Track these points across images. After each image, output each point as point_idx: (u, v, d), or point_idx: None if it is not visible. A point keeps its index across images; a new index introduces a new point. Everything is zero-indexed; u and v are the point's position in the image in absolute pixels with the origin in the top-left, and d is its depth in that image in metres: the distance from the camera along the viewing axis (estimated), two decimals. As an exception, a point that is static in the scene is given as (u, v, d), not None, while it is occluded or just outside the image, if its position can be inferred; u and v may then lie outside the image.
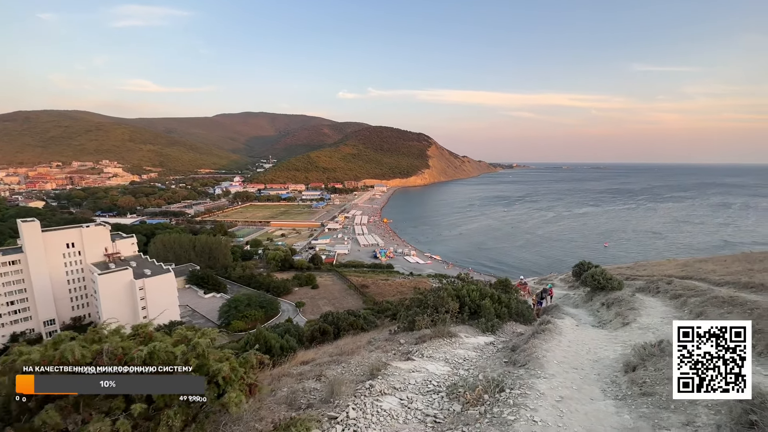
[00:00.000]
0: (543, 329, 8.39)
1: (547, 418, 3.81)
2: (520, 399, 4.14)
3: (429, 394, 4.75)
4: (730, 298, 10.73)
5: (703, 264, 24.36)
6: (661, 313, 12.16)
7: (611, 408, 4.36)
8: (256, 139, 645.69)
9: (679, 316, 11.52)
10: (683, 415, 3.81)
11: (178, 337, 3.52)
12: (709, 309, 10.52)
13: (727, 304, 10.25)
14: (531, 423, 3.69)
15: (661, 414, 3.97)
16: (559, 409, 4.08)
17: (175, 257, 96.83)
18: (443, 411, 4.22)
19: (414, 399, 4.48)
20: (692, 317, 10.83)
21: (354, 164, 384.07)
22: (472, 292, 11.20)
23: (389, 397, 4.43)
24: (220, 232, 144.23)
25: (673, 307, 12.77)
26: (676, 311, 12.23)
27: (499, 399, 4.17)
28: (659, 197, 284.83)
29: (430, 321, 8.94)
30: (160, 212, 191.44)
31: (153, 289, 59.51)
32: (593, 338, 9.14)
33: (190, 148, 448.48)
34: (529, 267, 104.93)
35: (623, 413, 4.17)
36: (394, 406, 4.23)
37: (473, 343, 8.30)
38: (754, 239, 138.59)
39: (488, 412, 3.97)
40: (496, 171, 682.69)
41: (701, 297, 12.04)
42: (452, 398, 4.42)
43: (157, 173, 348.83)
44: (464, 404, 4.19)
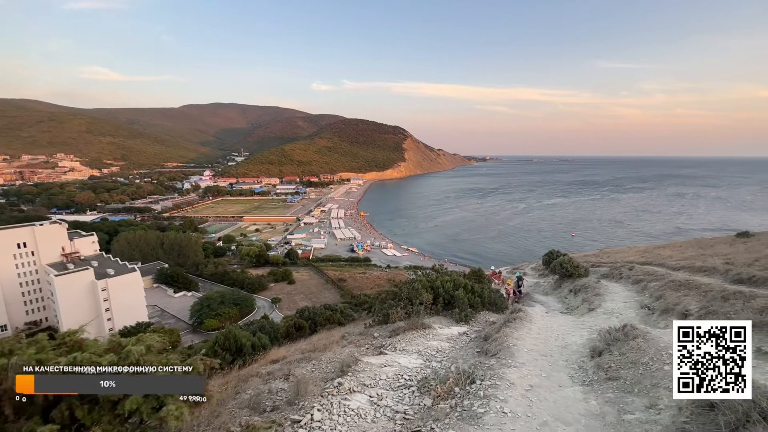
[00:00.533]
0: (514, 318, 8.49)
1: (516, 409, 3.81)
2: (490, 390, 4.13)
3: (400, 389, 4.65)
4: (686, 281, 11.22)
5: (661, 250, 25.76)
6: (623, 298, 12.59)
7: (579, 394, 4.45)
8: (227, 131, 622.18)
9: (640, 300, 11.97)
10: (646, 398, 3.93)
11: (110, 344, 3.18)
12: (668, 292, 10.93)
13: (683, 287, 10.72)
14: (501, 415, 3.67)
15: (625, 398, 4.09)
16: (528, 398, 4.11)
17: (141, 256, 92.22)
18: (414, 406, 4.13)
19: (384, 395, 4.37)
20: (652, 300, 11.28)
21: (330, 157, 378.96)
22: (445, 283, 11.21)
23: (358, 395, 4.29)
24: (190, 228, 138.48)
25: (635, 291, 13.20)
26: (638, 295, 12.66)
27: (470, 391, 4.13)
28: (621, 188, 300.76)
29: (404, 313, 8.85)
30: (123, 209, 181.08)
31: (117, 290, 56.37)
32: (561, 324, 9.36)
33: (155, 140, 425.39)
34: (502, 258, 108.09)
35: (590, 399, 4.25)
36: (362, 405, 4.09)
37: (447, 334, 8.33)
38: (703, 226, 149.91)
39: (459, 406, 3.92)
40: (470, 164, 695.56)
41: (660, 281, 12.53)
42: (423, 392, 4.35)
43: (119, 167, 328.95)
44: (435, 398, 4.12)
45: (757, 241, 22.89)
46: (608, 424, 3.71)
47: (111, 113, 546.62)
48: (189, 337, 61.05)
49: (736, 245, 21.42)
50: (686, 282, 11.12)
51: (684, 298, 9.75)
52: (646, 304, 11.22)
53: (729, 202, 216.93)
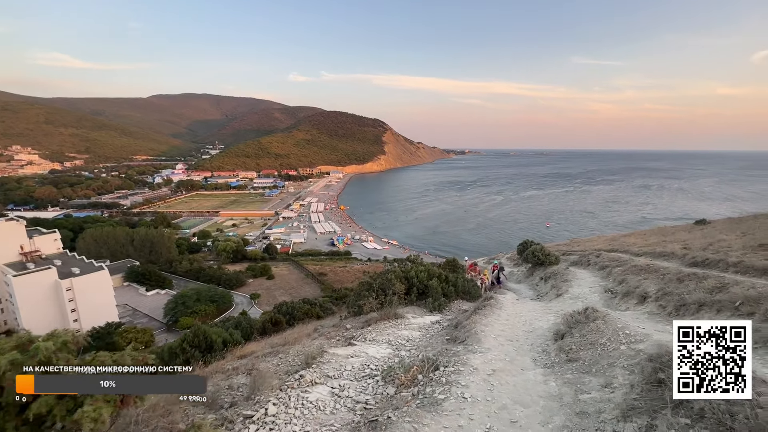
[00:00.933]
0: (484, 305, 8.57)
1: (477, 393, 3.83)
2: (453, 376, 4.13)
3: (364, 379, 4.59)
4: (646, 266, 11.70)
5: (627, 238, 27.01)
6: (589, 283, 13.10)
7: (539, 377, 4.55)
8: (200, 123, 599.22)
9: (604, 285, 12.50)
10: (602, 378, 4.05)
11: (17, 341, 2.90)
12: (629, 277, 11.41)
13: (643, 271, 11.16)
14: (460, 400, 3.66)
15: (583, 378, 4.19)
16: (489, 382, 4.14)
17: (109, 253, 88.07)
18: (376, 396, 4.08)
19: (347, 386, 4.29)
20: (615, 284, 11.79)
21: (308, 150, 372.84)
22: (420, 273, 11.20)
23: (320, 387, 4.18)
24: (162, 224, 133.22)
25: (600, 277, 13.70)
26: (602, 280, 13.21)
27: (432, 378, 4.11)
28: (593, 180, 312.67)
29: (378, 304, 8.79)
30: (89, 204, 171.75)
31: (84, 290, 53.57)
32: (530, 310, 9.56)
33: (122, 132, 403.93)
34: (479, 249, 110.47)
35: (550, 381, 4.34)
36: (323, 396, 3.98)
37: (419, 323, 8.37)
38: (666, 215, 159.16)
39: (420, 393, 3.89)
40: (449, 157, 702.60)
41: (623, 266, 13.02)
42: (387, 381, 4.30)
43: (83, 160, 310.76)
44: (399, 387, 4.08)
45: (713, 227, 24.40)
46: (565, 405, 3.79)
47: (73, 103, 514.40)
48: (164, 336, 59.11)
49: (694, 232, 22.73)
50: (647, 266, 11.58)
51: (644, 282, 10.11)
52: (609, 288, 11.61)
53: (690, 193, 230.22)
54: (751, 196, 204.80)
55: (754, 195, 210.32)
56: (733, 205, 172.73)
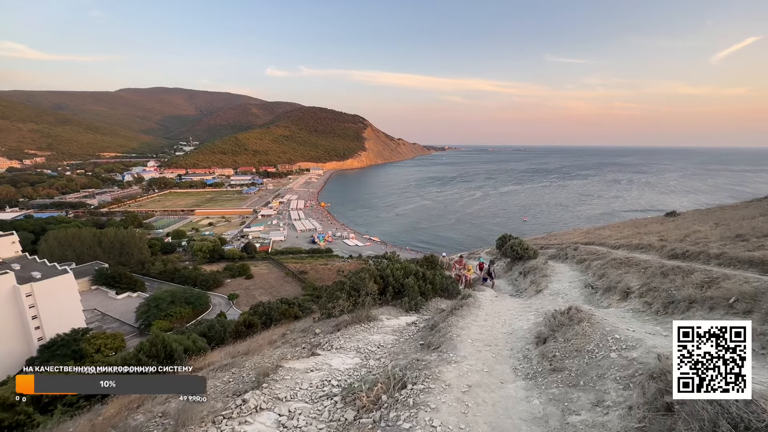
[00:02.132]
0: (462, 304, 8.15)
1: (448, 419, 3.26)
2: (422, 396, 3.55)
3: (321, 400, 3.96)
4: (626, 259, 11.45)
5: (602, 231, 27.35)
6: (569, 278, 12.77)
7: (521, 392, 4.08)
8: (173, 119, 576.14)
9: (584, 279, 12.11)
10: (593, 393, 3.62)
11: None
12: (609, 270, 11.10)
13: (624, 265, 10.93)
14: (429, 429, 3.11)
15: (570, 394, 3.75)
16: (464, 403, 3.60)
17: (75, 256, 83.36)
18: (332, 423, 3.47)
19: (299, 412, 3.65)
20: (596, 279, 11.40)
21: (287, 146, 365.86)
22: (396, 271, 10.72)
23: (264, 415, 3.53)
24: (133, 223, 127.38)
25: (579, 271, 13.33)
26: (582, 274, 12.87)
27: (398, 399, 3.52)
28: (568, 176, 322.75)
29: (350, 305, 8.26)
30: (52, 204, 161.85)
31: (46, 295, 50.20)
32: (510, 308, 9.15)
33: (87, 127, 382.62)
34: (458, 244, 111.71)
35: (533, 398, 3.89)
36: (266, 427, 3.37)
37: (393, 326, 7.95)
38: (636, 208, 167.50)
39: (383, 419, 3.35)
40: (429, 153, 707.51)
41: (602, 260, 12.71)
42: (347, 403, 3.69)
43: (44, 158, 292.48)
44: (359, 410, 3.52)
45: (684, 219, 24.91)
46: (552, 430, 3.33)
47: (32, 96, 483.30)
48: (136, 340, 56.47)
49: (666, 224, 23.16)
50: (626, 259, 11.33)
51: (625, 276, 9.78)
52: (589, 283, 11.24)
53: (656, 187, 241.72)
54: (709, 189, 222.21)
55: (711, 188, 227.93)
56: (695, 198, 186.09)
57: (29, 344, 47.32)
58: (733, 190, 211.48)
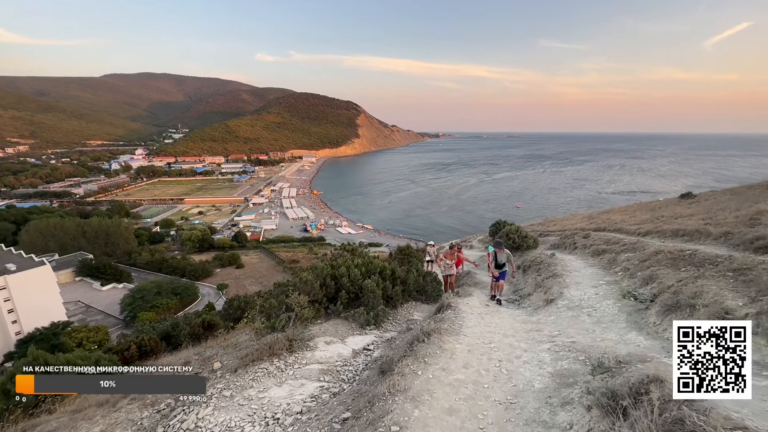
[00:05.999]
0: (430, 331, 5.49)
1: None
2: None
3: None
4: (680, 252, 7.90)
5: (609, 215, 24.07)
6: (589, 279, 9.29)
7: None
8: (161, 105, 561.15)
9: (613, 281, 8.61)
10: None
11: None
12: (660, 270, 7.48)
13: (682, 261, 7.36)
14: None
15: None
16: None
17: (58, 246, 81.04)
18: None
19: None
20: (638, 284, 7.66)
21: (279, 134, 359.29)
22: (353, 268, 8.27)
23: None
24: (119, 213, 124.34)
25: (601, 267, 10.09)
26: (607, 273, 9.41)
27: None
28: (562, 162, 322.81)
29: (266, 329, 6.32)
30: (36, 193, 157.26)
31: (22, 288, 48.39)
32: (507, 333, 6.23)
33: (72, 114, 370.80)
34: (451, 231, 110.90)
35: None
36: None
37: (329, 358, 5.74)
38: (630, 189, 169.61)
39: None
40: (424, 140, 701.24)
41: (635, 252, 9.41)
42: None
43: (28, 146, 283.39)
44: None
45: (706, 201, 21.13)
46: None
47: (12, 82, 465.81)
48: (121, 333, 55.20)
49: (688, 206, 19.72)
50: (681, 253, 7.69)
51: (699, 283, 6.18)
52: (630, 291, 7.39)
53: (650, 172, 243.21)
54: (696, 173, 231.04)
55: (698, 171, 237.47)
56: (684, 181, 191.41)
57: (6, 339, 45.73)
58: (718, 173, 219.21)
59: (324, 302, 7.90)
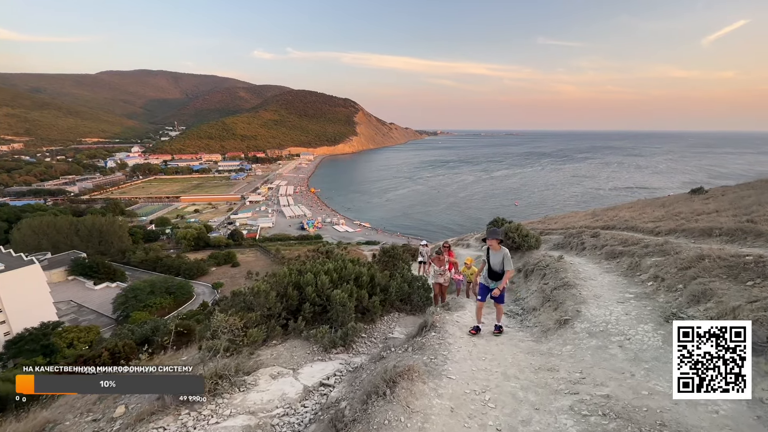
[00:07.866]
0: (401, 372, 3.90)
1: None
2: None
3: None
4: (736, 258, 6.22)
5: (616, 212, 22.79)
6: (610, 289, 7.45)
7: None
8: (158, 103, 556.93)
9: (644, 294, 6.78)
10: None
11: None
12: (716, 284, 5.72)
13: (747, 271, 5.66)
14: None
15: None
16: None
17: (50, 245, 79.88)
18: None
19: None
20: (683, 300, 5.87)
21: (277, 131, 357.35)
22: (321, 275, 6.97)
23: None
24: (114, 211, 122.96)
25: (620, 274, 8.36)
26: (630, 282, 7.67)
27: None
28: (561, 159, 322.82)
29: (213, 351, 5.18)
30: (30, 191, 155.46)
31: (10, 287, 47.38)
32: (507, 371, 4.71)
33: (68, 112, 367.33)
34: (449, 229, 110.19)
35: None
36: None
37: (266, 404, 4.32)
38: (628, 186, 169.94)
39: None
40: (422, 138, 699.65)
41: (664, 257, 7.76)
42: None
43: (23, 143, 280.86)
44: None
45: (723, 196, 19.97)
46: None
47: (6, 79, 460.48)
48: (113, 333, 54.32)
49: (707, 202, 18.43)
50: (736, 259, 6.07)
51: None
52: (674, 312, 5.66)
53: (647, 169, 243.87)
54: (692, 170, 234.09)
55: (694, 168, 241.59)
56: (681, 178, 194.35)
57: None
58: (713, 170, 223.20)
59: (282, 317, 6.57)
